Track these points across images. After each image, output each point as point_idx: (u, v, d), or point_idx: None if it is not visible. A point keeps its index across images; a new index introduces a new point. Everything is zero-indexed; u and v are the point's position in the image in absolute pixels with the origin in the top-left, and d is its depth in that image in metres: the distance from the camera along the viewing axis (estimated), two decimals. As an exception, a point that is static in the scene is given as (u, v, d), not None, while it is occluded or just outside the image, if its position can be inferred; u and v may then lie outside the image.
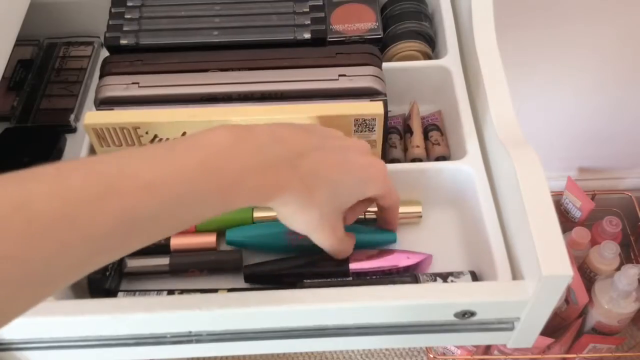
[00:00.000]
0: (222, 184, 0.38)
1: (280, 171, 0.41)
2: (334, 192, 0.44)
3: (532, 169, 0.47)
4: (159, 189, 0.34)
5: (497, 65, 0.55)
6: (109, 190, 0.32)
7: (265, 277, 0.54)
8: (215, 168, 0.37)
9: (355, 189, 0.47)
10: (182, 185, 0.36)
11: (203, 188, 0.37)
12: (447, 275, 0.52)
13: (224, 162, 0.38)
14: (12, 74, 0.70)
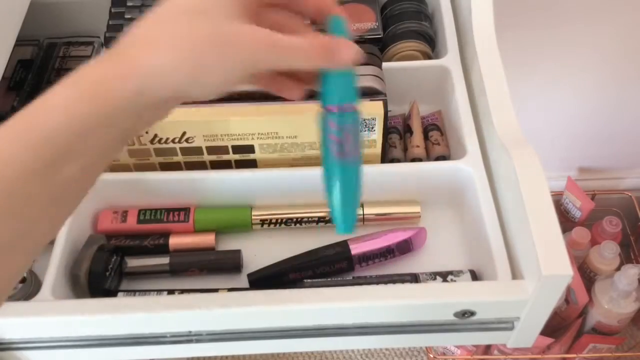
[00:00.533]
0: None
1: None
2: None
3: (532, 169, 0.47)
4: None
5: (497, 65, 0.55)
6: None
7: (270, 279, 0.54)
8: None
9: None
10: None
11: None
12: (447, 274, 0.52)
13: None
14: (12, 74, 0.70)
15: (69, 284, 0.52)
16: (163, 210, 0.57)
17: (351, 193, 0.41)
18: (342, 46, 0.38)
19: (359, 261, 0.54)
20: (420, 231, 0.56)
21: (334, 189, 0.41)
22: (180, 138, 0.55)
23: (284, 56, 0.35)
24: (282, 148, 0.57)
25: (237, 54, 0.33)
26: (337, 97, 0.39)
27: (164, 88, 0.33)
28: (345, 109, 0.39)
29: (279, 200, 0.57)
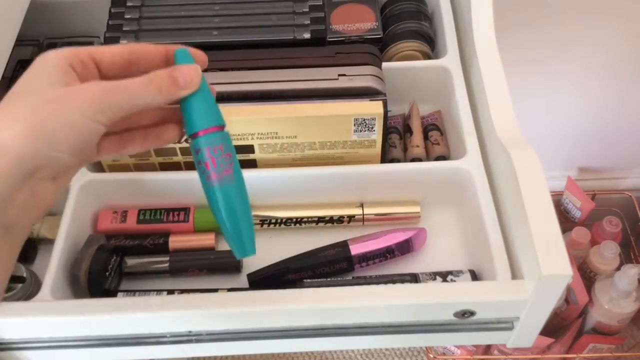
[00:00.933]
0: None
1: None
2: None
3: (532, 169, 0.47)
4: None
5: (497, 65, 0.55)
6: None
7: (270, 279, 0.54)
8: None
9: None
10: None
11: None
12: (447, 274, 0.52)
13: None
14: (12, 74, 0.70)
15: (69, 284, 0.52)
16: (163, 210, 0.57)
17: (236, 215, 0.40)
18: (181, 71, 0.38)
19: (359, 261, 0.54)
20: (420, 231, 0.56)
21: (218, 215, 0.40)
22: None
23: (125, 97, 0.36)
24: (282, 148, 0.57)
25: (74, 107, 0.35)
26: (198, 122, 0.39)
27: (7, 158, 0.33)
28: (209, 131, 0.39)
29: (280, 200, 0.57)
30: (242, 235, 0.41)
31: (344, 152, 0.57)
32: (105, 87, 0.36)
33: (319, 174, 0.56)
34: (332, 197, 0.57)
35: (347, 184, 0.57)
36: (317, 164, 0.58)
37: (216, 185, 0.39)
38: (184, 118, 0.39)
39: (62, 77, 0.36)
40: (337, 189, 0.57)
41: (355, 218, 0.57)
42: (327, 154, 0.57)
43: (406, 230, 0.55)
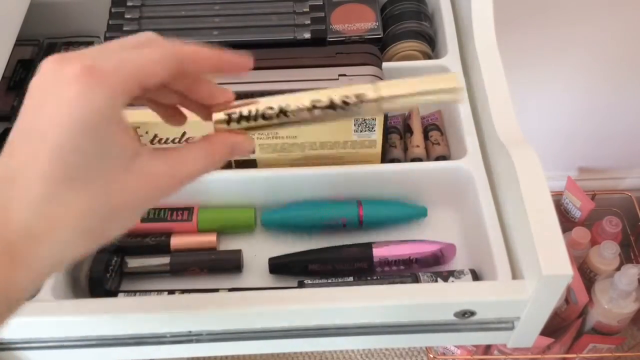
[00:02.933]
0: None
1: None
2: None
3: (532, 169, 0.47)
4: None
5: (497, 65, 0.55)
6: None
7: (290, 266, 0.55)
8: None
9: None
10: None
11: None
12: (448, 275, 0.52)
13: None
14: (12, 74, 0.70)
15: (69, 284, 0.52)
16: (166, 209, 0.57)
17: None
18: (241, 147, 0.37)
19: (380, 264, 0.54)
20: (448, 247, 0.55)
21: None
22: (180, 138, 0.55)
23: (189, 181, 0.34)
24: (282, 148, 0.57)
25: (135, 204, 0.31)
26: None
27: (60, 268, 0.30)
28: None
29: (280, 200, 0.57)
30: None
31: (344, 152, 0.57)
32: (169, 173, 0.32)
33: (319, 174, 0.56)
34: (332, 197, 0.57)
35: (347, 184, 0.57)
36: (317, 164, 0.58)
37: None
38: None
39: (120, 147, 0.30)
40: (337, 189, 0.57)
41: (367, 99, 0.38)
42: (328, 154, 0.57)
43: (433, 243, 0.55)
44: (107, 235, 0.31)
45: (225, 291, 0.53)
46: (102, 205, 0.29)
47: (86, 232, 0.29)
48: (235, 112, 0.37)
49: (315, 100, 0.37)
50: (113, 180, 0.30)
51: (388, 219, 0.58)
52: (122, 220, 0.31)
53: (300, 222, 0.57)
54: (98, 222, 0.30)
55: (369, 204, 0.57)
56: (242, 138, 0.37)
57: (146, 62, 0.31)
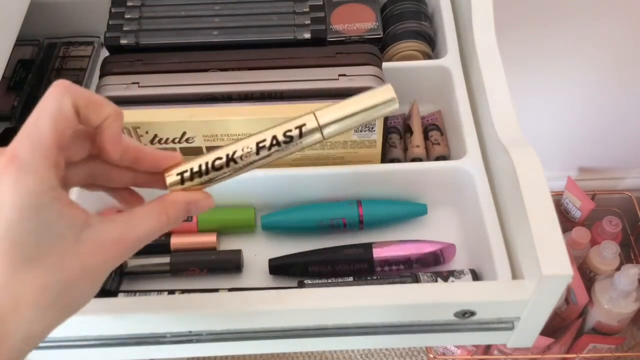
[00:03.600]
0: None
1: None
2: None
3: (532, 169, 0.47)
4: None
5: (497, 65, 0.55)
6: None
7: (290, 267, 0.55)
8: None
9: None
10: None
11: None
12: (448, 275, 0.52)
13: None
14: (12, 74, 0.70)
15: (69, 284, 0.52)
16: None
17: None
18: (197, 205, 0.37)
19: (380, 265, 0.54)
20: (449, 247, 0.55)
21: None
22: (180, 138, 0.55)
23: (142, 242, 0.35)
24: (282, 148, 0.56)
25: (92, 280, 0.33)
26: None
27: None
28: None
29: (280, 200, 0.57)
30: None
31: (344, 152, 0.57)
32: (120, 238, 0.34)
33: (319, 174, 0.56)
34: (332, 197, 0.57)
35: (347, 184, 0.57)
36: (317, 164, 0.58)
37: None
38: None
39: (67, 221, 0.31)
40: (337, 189, 0.57)
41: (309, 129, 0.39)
42: (327, 154, 0.57)
43: (433, 243, 0.55)
44: (71, 306, 0.33)
45: (225, 291, 0.53)
46: (58, 280, 0.31)
47: (48, 307, 0.31)
48: (186, 169, 0.38)
49: (259, 141, 0.38)
50: (65, 254, 0.31)
51: (388, 218, 0.58)
52: (82, 290, 0.33)
53: (300, 224, 0.57)
54: (57, 296, 0.31)
55: (368, 204, 0.57)
56: (198, 195, 0.37)
57: (49, 124, 0.31)
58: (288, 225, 0.57)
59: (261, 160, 0.39)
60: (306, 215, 0.57)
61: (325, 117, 0.39)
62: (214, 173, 0.38)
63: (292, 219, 0.57)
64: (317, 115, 0.38)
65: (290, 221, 0.57)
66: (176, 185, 0.38)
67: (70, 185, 0.36)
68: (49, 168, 0.31)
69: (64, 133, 0.32)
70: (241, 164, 0.38)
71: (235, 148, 0.38)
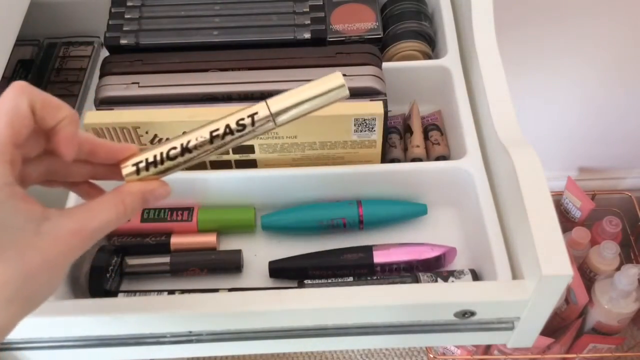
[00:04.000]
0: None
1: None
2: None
3: (532, 169, 0.47)
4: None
5: (497, 65, 0.55)
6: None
7: (290, 270, 0.55)
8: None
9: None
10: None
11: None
12: (448, 275, 0.52)
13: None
14: (12, 74, 0.70)
15: (69, 284, 0.52)
16: (167, 209, 0.57)
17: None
18: (154, 194, 0.38)
19: (380, 269, 0.54)
20: (450, 251, 0.55)
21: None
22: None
23: (101, 233, 0.35)
24: (282, 148, 0.57)
25: (54, 270, 0.33)
26: None
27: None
28: None
29: (280, 200, 0.57)
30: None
31: (344, 152, 0.57)
32: (77, 227, 0.34)
33: (319, 174, 0.56)
34: (332, 197, 0.57)
35: (347, 184, 0.57)
36: (317, 164, 0.58)
37: None
38: None
39: (24, 215, 0.32)
40: (337, 189, 0.57)
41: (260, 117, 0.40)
42: (327, 154, 0.57)
43: (434, 247, 0.55)
44: (33, 299, 0.33)
45: (225, 291, 0.53)
46: (19, 273, 0.31)
47: (10, 301, 0.31)
48: (141, 160, 0.38)
49: (213, 130, 0.39)
50: (24, 247, 0.32)
51: (388, 218, 0.58)
52: (43, 283, 0.33)
53: (300, 224, 0.57)
54: (18, 290, 0.31)
55: (369, 204, 0.57)
56: (155, 184, 0.38)
57: (5, 123, 0.32)
58: (288, 225, 0.57)
59: (215, 149, 0.39)
60: (306, 215, 0.57)
61: (276, 105, 0.39)
62: (169, 163, 0.39)
63: (292, 219, 0.57)
64: (269, 104, 0.39)
65: (290, 221, 0.57)
66: (132, 175, 0.38)
67: (29, 182, 0.37)
68: (5, 164, 0.32)
69: (20, 132, 0.33)
70: (195, 153, 0.39)
71: (190, 137, 0.39)
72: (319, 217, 0.56)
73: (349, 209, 0.56)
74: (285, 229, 0.57)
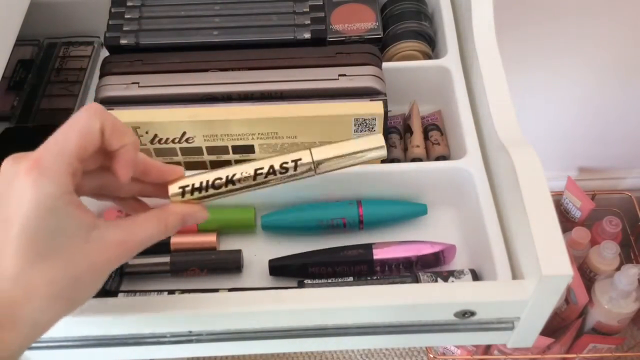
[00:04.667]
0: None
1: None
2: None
3: (532, 169, 0.47)
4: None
5: (497, 65, 0.55)
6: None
7: (290, 268, 0.55)
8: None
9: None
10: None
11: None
12: (448, 275, 0.52)
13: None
14: (12, 74, 0.70)
15: (69, 284, 0.52)
16: (165, 210, 0.57)
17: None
18: (193, 217, 0.42)
19: (381, 267, 0.54)
20: (450, 248, 0.55)
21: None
22: (180, 138, 0.55)
23: (143, 246, 0.39)
24: (282, 148, 0.57)
25: (97, 277, 0.37)
26: None
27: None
28: None
29: (280, 200, 0.57)
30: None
31: (344, 152, 0.57)
32: (123, 240, 0.38)
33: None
34: (332, 197, 0.57)
35: (347, 184, 0.57)
36: (317, 164, 0.58)
37: None
38: None
39: (77, 223, 0.35)
40: (337, 189, 0.57)
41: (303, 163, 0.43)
42: (327, 154, 0.57)
43: (434, 244, 0.55)
44: (76, 299, 0.37)
45: (225, 291, 0.53)
46: (67, 274, 0.35)
47: (56, 298, 0.35)
48: (188, 184, 0.42)
49: (258, 169, 0.43)
50: (74, 252, 0.35)
51: (388, 218, 0.58)
52: (86, 286, 0.36)
53: (300, 224, 0.57)
54: (64, 289, 0.35)
55: (369, 204, 0.57)
56: (196, 208, 0.42)
57: (75, 139, 0.36)
58: (288, 225, 0.57)
59: (256, 185, 0.43)
60: (306, 215, 0.57)
61: (319, 155, 0.43)
62: (212, 191, 0.42)
63: (292, 219, 0.57)
64: (313, 152, 0.43)
65: (290, 221, 0.57)
66: (177, 197, 0.41)
67: (82, 193, 0.40)
68: (68, 175, 0.35)
69: (87, 149, 0.36)
70: (238, 186, 0.42)
71: (235, 171, 0.42)
72: (319, 217, 0.56)
73: (349, 209, 0.56)
74: (285, 229, 0.57)
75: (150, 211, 0.40)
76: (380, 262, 0.54)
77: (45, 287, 0.34)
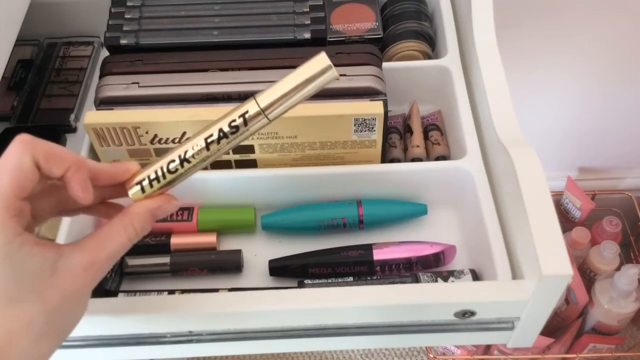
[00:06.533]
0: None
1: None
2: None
3: (532, 169, 0.47)
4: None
5: (497, 65, 0.55)
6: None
7: (290, 269, 0.55)
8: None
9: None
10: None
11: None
12: (448, 275, 0.52)
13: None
14: (12, 74, 0.70)
15: (69, 284, 0.52)
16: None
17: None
18: (162, 210, 0.40)
19: (381, 268, 0.54)
20: (449, 248, 0.55)
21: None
22: (180, 138, 0.55)
23: (115, 257, 0.37)
24: (282, 148, 0.57)
25: (73, 308, 0.36)
26: None
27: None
28: None
29: (280, 200, 0.57)
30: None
31: (344, 152, 0.57)
32: (91, 260, 0.36)
33: (319, 174, 0.56)
34: (332, 197, 0.58)
35: (347, 184, 0.57)
36: (317, 164, 0.58)
37: None
38: None
39: (38, 260, 0.34)
40: (337, 189, 0.57)
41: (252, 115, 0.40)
42: (327, 154, 0.57)
43: (434, 244, 0.55)
44: (61, 331, 0.36)
45: (225, 291, 0.53)
46: (42, 312, 0.34)
47: (39, 336, 0.34)
48: (143, 178, 0.39)
49: (207, 137, 0.39)
50: (43, 288, 0.34)
51: (388, 218, 0.58)
52: (67, 316, 0.36)
53: (300, 224, 0.57)
54: (45, 326, 0.34)
55: (369, 204, 0.57)
56: (160, 201, 0.40)
57: (8, 181, 0.34)
58: (288, 225, 0.57)
59: (213, 154, 0.40)
60: (306, 215, 0.57)
61: (265, 100, 0.39)
62: (171, 175, 0.40)
63: (292, 219, 0.57)
64: (258, 100, 0.39)
65: (290, 221, 0.57)
66: (138, 193, 0.40)
67: (43, 218, 0.38)
68: (11, 219, 0.33)
69: (25, 186, 0.34)
70: (194, 161, 0.40)
71: (186, 148, 0.40)
72: (319, 217, 0.56)
73: (349, 209, 0.56)
74: (285, 229, 0.57)
75: (114, 220, 0.38)
76: (380, 262, 0.54)
77: (24, 330, 0.34)
